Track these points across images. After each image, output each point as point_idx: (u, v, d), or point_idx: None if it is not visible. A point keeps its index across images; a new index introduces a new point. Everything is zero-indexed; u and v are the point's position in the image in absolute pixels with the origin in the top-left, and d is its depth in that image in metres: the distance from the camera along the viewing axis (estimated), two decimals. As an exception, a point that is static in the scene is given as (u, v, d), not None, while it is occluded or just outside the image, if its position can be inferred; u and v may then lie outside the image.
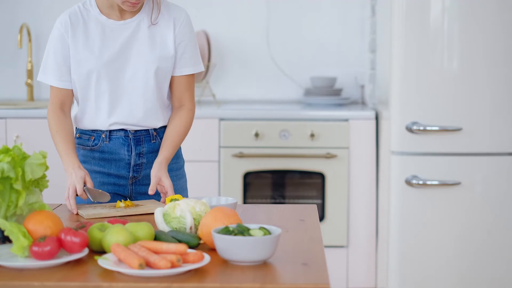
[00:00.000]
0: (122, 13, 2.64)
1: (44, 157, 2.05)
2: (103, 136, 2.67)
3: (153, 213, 2.40)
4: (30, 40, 4.71)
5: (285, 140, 4.23)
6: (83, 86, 2.64)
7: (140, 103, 2.65)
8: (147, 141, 2.70)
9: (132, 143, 2.68)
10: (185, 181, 2.83)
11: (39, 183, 2.08)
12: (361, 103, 4.75)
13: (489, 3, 3.76)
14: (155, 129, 2.71)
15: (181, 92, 2.71)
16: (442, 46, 3.79)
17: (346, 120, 4.23)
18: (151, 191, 2.56)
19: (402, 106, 3.84)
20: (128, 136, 2.68)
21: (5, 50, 4.82)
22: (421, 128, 3.81)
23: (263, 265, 1.87)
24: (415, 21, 3.80)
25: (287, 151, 4.24)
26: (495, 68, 3.78)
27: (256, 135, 4.22)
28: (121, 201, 2.53)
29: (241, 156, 4.21)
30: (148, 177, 2.70)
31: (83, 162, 2.69)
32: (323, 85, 4.66)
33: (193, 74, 2.72)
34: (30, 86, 4.73)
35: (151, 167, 2.68)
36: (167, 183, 2.56)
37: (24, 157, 2.03)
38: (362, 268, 4.24)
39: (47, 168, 2.05)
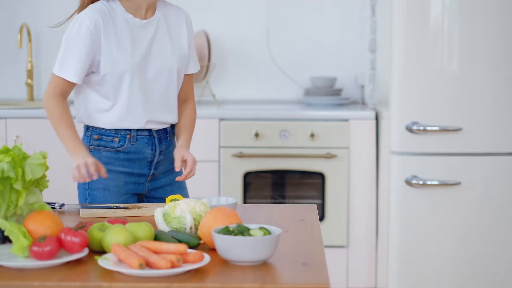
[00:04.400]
0: (146, 12, 2.68)
1: (44, 157, 2.05)
2: (129, 137, 2.69)
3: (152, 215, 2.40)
4: (30, 40, 4.71)
5: (285, 140, 4.23)
6: (116, 85, 2.65)
7: (165, 101, 2.72)
8: (165, 138, 2.77)
9: (156, 142, 2.74)
10: (184, 181, 2.86)
11: (39, 183, 2.08)
12: (361, 103, 4.75)
13: (489, 3, 3.76)
14: (171, 126, 2.80)
15: (188, 88, 2.84)
16: (442, 46, 3.79)
17: (346, 120, 4.23)
18: (177, 167, 2.63)
19: (402, 106, 3.84)
20: (152, 135, 2.73)
21: (5, 50, 4.81)
22: (421, 128, 3.80)
23: (263, 265, 1.87)
24: (415, 21, 3.80)
25: (287, 151, 4.24)
26: (495, 68, 3.78)
27: (256, 135, 4.22)
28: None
29: (241, 156, 4.20)
30: (163, 173, 2.78)
31: (106, 164, 2.67)
32: (323, 85, 4.66)
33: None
34: (30, 86, 4.73)
35: (166, 163, 2.77)
36: (189, 157, 2.64)
37: (24, 157, 2.03)
38: (362, 268, 4.24)
39: (47, 168, 2.05)
